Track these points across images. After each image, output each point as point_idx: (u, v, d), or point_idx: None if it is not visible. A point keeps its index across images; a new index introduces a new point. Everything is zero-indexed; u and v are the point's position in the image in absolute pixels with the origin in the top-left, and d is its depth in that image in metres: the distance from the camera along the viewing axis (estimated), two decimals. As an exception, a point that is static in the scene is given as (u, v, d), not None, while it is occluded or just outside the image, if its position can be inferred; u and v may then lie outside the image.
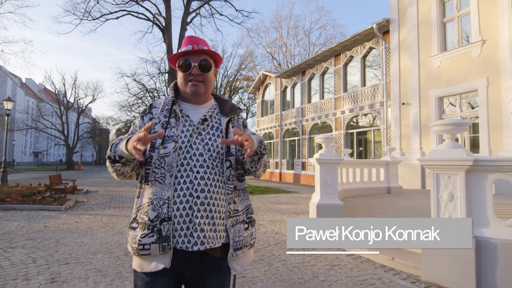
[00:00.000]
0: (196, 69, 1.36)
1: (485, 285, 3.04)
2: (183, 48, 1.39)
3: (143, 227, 1.25)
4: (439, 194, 3.33)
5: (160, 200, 1.26)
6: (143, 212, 1.28)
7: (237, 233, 1.35)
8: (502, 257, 2.99)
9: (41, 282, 3.44)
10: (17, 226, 6.45)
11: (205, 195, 1.27)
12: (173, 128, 1.32)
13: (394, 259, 3.79)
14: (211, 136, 1.37)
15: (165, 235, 1.23)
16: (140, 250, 1.24)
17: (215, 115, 1.43)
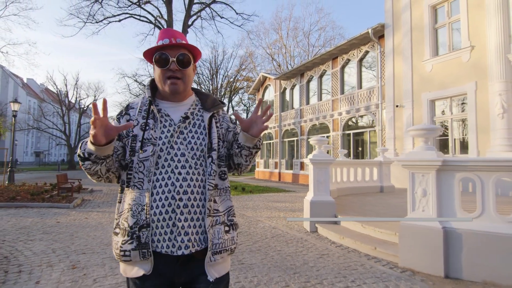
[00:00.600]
0: (174, 64, 1.28)
1: (451, 269, 3.50)
2: (159, 41, 1.31)
3: (124, 233, 1.24)
4: (414, 191, 3.80)
5: (138, 206, 1.23)
6: (124, 218, 1.25)
7: (217, 234, 1.29)
8: (466, 245, 3.45)
9: (64, 268, 3.89)
10: (31, 221, 6.91)
11: (188, 196, 1.24)
12: (151, 130, 1.27)
13: (376, 249, 4.25)
14: (193, 134, 1.32)
15: (144, 242, 1.21)
16: (122, 256, 1.23)
17: (196, 111, 1.37)
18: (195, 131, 1.32)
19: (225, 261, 1.34)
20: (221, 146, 1.36)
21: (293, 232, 5.77)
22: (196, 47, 1.34)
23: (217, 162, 1.32)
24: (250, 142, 1.31)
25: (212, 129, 1.34)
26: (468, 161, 3.58)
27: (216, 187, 1.32)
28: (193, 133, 1.32)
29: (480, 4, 9.75)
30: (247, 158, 1.34)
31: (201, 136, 1.32)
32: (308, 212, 5.97)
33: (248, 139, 1.30)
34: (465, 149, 10.27)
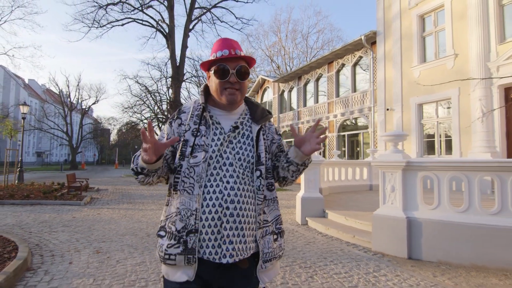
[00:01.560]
0: (233, 77, 1.29)
1: (413, 252, 4.22)
2: (218, 52, 1.31)
3: (170, 237, 1.25)
4: (385, 187, 4.51)
5: (187, 211, 1.24)
6: (171, 222, 1.26)
7: (267, 244, 1.32)
8: (425, 232, 4.17)
9: (89, 253, 4.60)
10: (49, 217, 7.61)
11: (235, 206, 1.24)
12: (203, 137, 1.29)
13: (355, 237, 4.97)
14: (241, 144, 1.32)
15: (191, 247, 1.21)
16: (166, 259, 1.24)
17: (246, 121, 1.38)
18: (243, 142, 1.32)
19: (274, 267, 1.37)
20: (267, 158, 1.36)
21: (286, 225, 6.49)
22: (252, 58, 1.36)
23: (265, 175, 1.33)
24: (300, 159, 1.32)
25: (260, 142, 1.35)
26: (426, 162, 4.30)
27: (265, 199, 1.34)
28: (241, 144, 1.32)
29: (463, 15, 10.47)
30: (293, 174, 1.36)
31: (248, 148, 1.32)
32: (299, 208, 6.69)
33: (299, 155, 1.31)
34: (450, 150, 10.99)
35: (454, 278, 3.55)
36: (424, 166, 4.26)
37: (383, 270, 3.78)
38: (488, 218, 3.83)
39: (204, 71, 1.41)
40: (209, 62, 1.33)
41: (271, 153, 1.42)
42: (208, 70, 1.37)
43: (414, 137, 11.96)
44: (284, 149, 1.45)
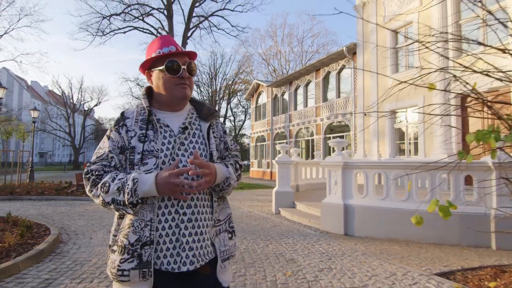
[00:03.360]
0: (185, 72, 1.26)
1: (348, 230, 5.60)
2: (164, 48, 1.27)
3: (122, 251, 1.15)
4: (330, 181, 5.89)
5: (141, 222, 1.16)
6: (123, 235, 1.17)
7: (223, 242, 1.30)
8: (357, 214, 5.54)
9: (104, 232, 5.98)
10: (65, 209, 9.00)
11: (192, 210, 1.20)
12: (151, 142, 1.21)
13: (310, 221, 6.36)
14: (194, 144, 1.28)
15: (146, 260, 1.14)
16: (119, 276, 1.15)
17: (193, 121, 1.33)
18: (195, 141, 1.29)
19: (230, 266, 1.35)
20: (218, 156, 1.35)
21: (262, 214, 7.87)
22: (195, 54, 1.34)
23: None
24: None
25: (211, 140, 1.33)
26: (358, 162, 5.68)
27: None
28: (193, 144, 1.28)
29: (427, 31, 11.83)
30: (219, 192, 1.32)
31: (201, 147, 1.29)
32: (274, 200, 8.08)
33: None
34: (417, 151, 12.37)
35: (368, 246, 4.94)
36: (357, 165, 5.64)
37: (321, 241, 5.17)
38: (399, 204, 5.21)
39: (142, 73, 1.35)
40: (154, 59, 1.28)
41: (220, 151, 1.39)
42: (148, 69, 1.32)
43: (388, 140, 13.34)
44: (229, 146, 1.43)
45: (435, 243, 4.94)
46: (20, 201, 10.78)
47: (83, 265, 4.08)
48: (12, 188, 12.68)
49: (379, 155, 13.64)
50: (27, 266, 4.01)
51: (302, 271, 3.81)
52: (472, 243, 4.75)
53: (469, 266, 3.90)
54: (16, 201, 10.64)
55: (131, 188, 1.12)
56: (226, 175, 1.29)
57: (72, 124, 47.62)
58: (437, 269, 3.83)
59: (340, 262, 4.14)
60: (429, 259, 4.27)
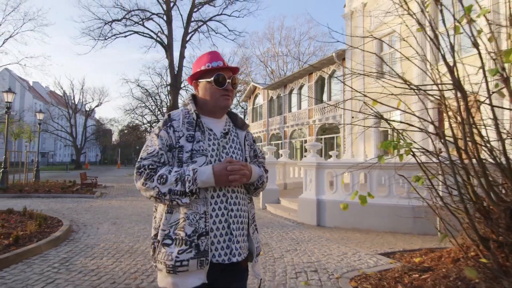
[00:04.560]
0: (229, 85, 1.41)
1: (320, 221, 6.47)
2: (213, 63, 1.42)
3: (180, 243, 1.24)
4: (306, 180, 6.76)
5: (196, 215, 1.26)
6: (179, 228, 1.26)
7: (256, 239, 1.44)
8: (328, 208, 6.41)
9: (109, 224, 6.85)
10: (72, 205, 9.87)
11: (238, 207, 1.34)
12: (200, 142, 1.33)
13: (290, 214, 7.23)
14: (233, 149, 1.43)
15: (203, 250, 1.23)
16: (178, 266, 1.22)
17: (231, 128, 1.48)
18: (234, 147, 1.44)
19: (259, 262, 1.50)
20: (251, 161, 1.52)
21: (251, 209, 8.74)
22: (238, 69, 1.51)
23: None
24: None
25: (246, 147, 1.48)
26: (329, 163, 6.56)
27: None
28: (233, 148, 1.43)
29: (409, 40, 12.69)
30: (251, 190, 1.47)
31: (239, 152, 1.44)
32: (261, 196, 8.95)
33: None
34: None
35: (334, 234, 5.81)
36: (328, 165, 6.51)
37: (295, 230, 6.04)
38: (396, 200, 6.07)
39: (190, 83, 1.51)
40: (203, 72, 1.42)
41: (250, 158, 1.52)
42: (196, 80, 1.46)
43: (373, 141, 14.21)
44: (257, 154, 1.58)
45: (391, 231, 5.81)
46: (29, 198, 11.64)
47: (93, 248, 4.96)
48: (21, 187, 13.57)
49: (365, 155, 14.50)
50: (48, 248, 4.88)
51: (272, 251, 4.68)
52: (422, 231, 5.61)
53: (410, 248, 4.77)
54: (26, 199, 11.49)
55: (192, 177, 1.23)
56: (260, 173, 1.46)
57: (74, 125, 48.48)
58: (383, 250, 4.69)
59: (305, 245, 5.01)
60: (380, 243, 5.14)
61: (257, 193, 1.51)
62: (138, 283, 3.52)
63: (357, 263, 4.13)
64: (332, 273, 3.77)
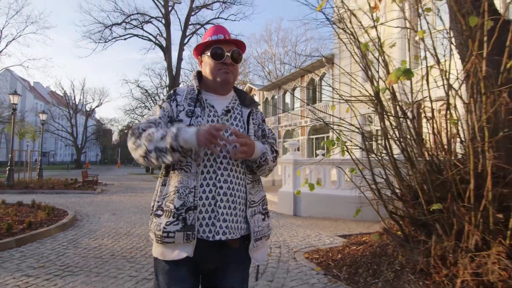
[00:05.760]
0: (228, 58, 1.36)
1: (296, 211, 7.30)
2: (213, 36, 1.39)
3: (168, 215, 1.26)
4: (285, 175, 7.59)
5: (186, 189, 1.27)
6: (169, 200, 1.28)
7: (256, 223, 1.38)
8: (303, 200, 7.23)
9: (109, 215, 7.67)
10: (75, 200, 10.69)
11: (228, 185, 1.30)
12: (198, 117, 1.33)
13: (271, 206, 8.04)
14: (234, 127, 1.39)
15: (190, 224, 1.24)
16: (164, 237, 1.25)
17: (236, 106, 1.44)
18: (236, 124, 1.40)
19: (264, 246, 1.45)
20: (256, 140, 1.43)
21: (239, 203, 9.57)
22: (244, 44, 1.45)
23: None
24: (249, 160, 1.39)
25: (250, 125, 1.43)
26: (304, 160, 7.38)
27: (251, 180, 1.41)
28: (234, 126, 1.39)
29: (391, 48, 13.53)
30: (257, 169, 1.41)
31: (240, 130, 1.39)
32: (248, 191, 9.78)
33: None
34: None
35: (305, 221, 6.63)
36: (303, 162, 7.33)
37: (272, 219, 6.84)
38: (332, 191, 6.90)
39: (195, 57, 1.49)
40: (204, 45, 1.41)
41: (258, 138, 1.49)
42: (200, 55, 1.45)
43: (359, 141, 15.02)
44: (266, 133, 1.53)
45: (356, 220, 6.59)
46: (34, 194, 12.43)
47: (96, 232, 5.78)
48: (26, 184, 14.40)
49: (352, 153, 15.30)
50: (57, 232, 5.70)
51: (247, 234, 5.50)
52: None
53: (366, 231, 5.58)
54: (31, 194, 12.27)
55: (175, 134, 1.20)
56: (263, 150, 1.39)
57: (75, 125, 49.29)
58: (341, 233, 5.51)
59: (278, 230, 5.83)
60: (342, 228, 5.96)
61: (261, 171, 1.44)
62: (133, 255, 4.35)
63: (316, 242, 4.95)
64: (292, 249, 4.59)
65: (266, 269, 3.76)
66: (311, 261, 3.98)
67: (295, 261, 4.04)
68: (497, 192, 2.60)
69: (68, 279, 3.47)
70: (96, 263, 4.02)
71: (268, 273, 3.63)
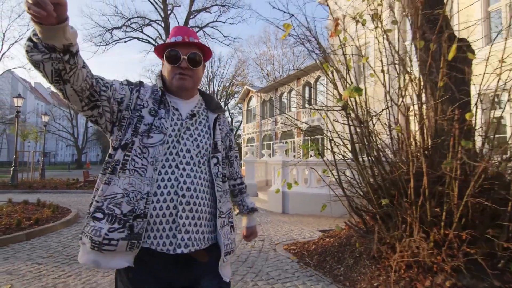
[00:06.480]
0: (185, 62, 1.27)
1: (285, 209, 7.81)
2: (172, 38, 1.31)
3: (112, 220, 1.13)
4: (274, 175, 8.10)
5: (137, 194, 1.15)
6: (114, 203, 1.15)
7: (226, 235, 1.31)
8: (291, 198, 7.75)
9: (109, 212, 8.17)
10: (77, 199, 11.20)
11: (191, 194, 1.21)
12: (162, 119, 1.24)
13: (262, 204, 8.56)
14: (199, 132, 1.32)
15: (137, 232, 1.13)
16: (105, 245, 1.11)
17: (202, 110, 1.38)
18: (201, 129, 1.33)
19: (229, 263, 1.36)
20: (222, 148, 1.39)
21: (232, 202, 10.10)
22: (207, 47, 1.34)
23: (221, 163, 1.35)
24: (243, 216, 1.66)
25: (216, 131, 1.37)
26: (291, 161, 7.89)
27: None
28: (199, 131, 1.32)
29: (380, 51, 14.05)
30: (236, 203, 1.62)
31: (206, 135, 1.33)
32: (242, 191, 10.31)
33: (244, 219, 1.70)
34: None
35: (292, 218, 7.14)
36: (290, 163, 7.83)
37: (262, 216, 7.37)
38: (317, 190, 7.40)
39: (160, 58, 1.38)
40: (162, 47, 1.32)
41: (226, 146, 1.46)
42: (163, 57, 1.34)
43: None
44: (233, 145, 1.53)
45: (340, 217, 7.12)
46: (38, 193, 12.96)
47: (97, 227, 6.29)
48: (29, 183, 14.92)
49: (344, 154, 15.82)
50: (62, 228, 6.22)
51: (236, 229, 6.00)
52: (362, 216, 6.93)
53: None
54: (35, 194, 12.80)
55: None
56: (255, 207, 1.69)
57: (75, 125, 49.80)
58: (322, 228, 6.02)
59: (265, 226, 6.34)
60: (324, 224, 6.46)
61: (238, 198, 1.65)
62: (131, 247, 4.85)
63: (297, 236, 5.46)
64: (274, 242, 5.10)
65: (247, 258, 4.27)
66: (289, 252, 4.48)
67: (274, 251, 4.55)
68: (436, 190, 3.10)
69: (74, 266, 3.98)
70: (98, 253, 4.53)
71: (249, 261, 4.14)
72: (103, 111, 1.18)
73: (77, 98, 1.10)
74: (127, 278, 1.19)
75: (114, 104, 1.20)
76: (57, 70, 0.99)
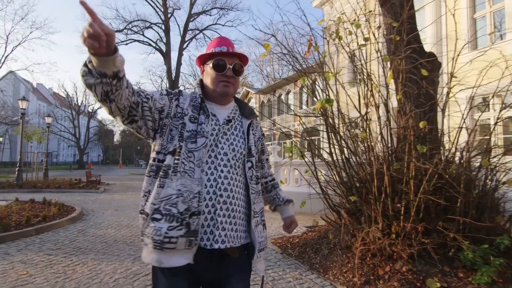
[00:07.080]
0: (230, 71, 1.40)
1: (277, 207, 8.28)
2: (217, 48, 1.42)
3: (170, 219, 1.23)
4: (267, 175, 8.58)
5: (190, 193, 1.25)
6: (170, 204, 1.24)
7: (260, 233, 1.42)
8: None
9: (112, 211, 8.65)
10: (80, 198, 11.68)
11: (228, 194, 1.31)
12: (203, 124, 1.34)
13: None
14: (235, 137, 1.41)
15: (194, 229, 1.23)
16: (166, 243, 1.22)
17: (237, 116, 1.47)
18: (236, 134, 1.42)
19: (263, 258, 1.46)
20: (255, 152, 1.48)
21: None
22: (246, 57, 1.48)
23: (255, 166, 1.44)
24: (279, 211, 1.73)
25: (250, 136, 1.47)
26: (282, 161, 8.35)
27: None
28: (234, 136, 1.41)
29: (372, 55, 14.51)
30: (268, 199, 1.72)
31: (241, 140, 1.42)
32: (238, 190, 10.78)
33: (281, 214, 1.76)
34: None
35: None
36: (282, 163, 8.30)
37: (254, 214, 7.82)
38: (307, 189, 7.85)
39: (198, 66, 1.51)
40: (207, 56, 1.44)
41: (258, 150, 1.55)
42: (203, 64, 1.48)
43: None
44: (264, 149, 1.65)
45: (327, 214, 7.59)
46: (42, 193, 13.42)
47: (101, 224, 6.77)
48: (34, 183, 15.41)
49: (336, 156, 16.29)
50: (67, 224, 6.70)
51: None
52: (349, 214, 7.40)
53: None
54: (39, 193, 13.27)
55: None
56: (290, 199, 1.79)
57: (77, 126, 50.33)
58: (309, 225, 6.48)
59: (256, 222, 6.80)
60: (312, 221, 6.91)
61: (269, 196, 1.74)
62: (132, 240, 5.33)
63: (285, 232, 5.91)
64: (263, 236, 5.56)
65: (237, 250, 4.74)
66: (275, 245, 4.94)
67: (262, 244, 5.01)
68: (397, 188, 3.57)
69: (81, 256, 4.46)
70: (102, 246, 5.01)
71: (238, 253, 4.61)
72: (145, 121, 1.30)
73: (119, 113, 1.23)
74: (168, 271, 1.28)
75: (156, 113, 1.31)
76: (105, 91, 1.11)
